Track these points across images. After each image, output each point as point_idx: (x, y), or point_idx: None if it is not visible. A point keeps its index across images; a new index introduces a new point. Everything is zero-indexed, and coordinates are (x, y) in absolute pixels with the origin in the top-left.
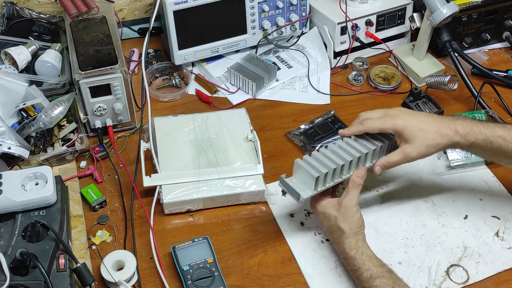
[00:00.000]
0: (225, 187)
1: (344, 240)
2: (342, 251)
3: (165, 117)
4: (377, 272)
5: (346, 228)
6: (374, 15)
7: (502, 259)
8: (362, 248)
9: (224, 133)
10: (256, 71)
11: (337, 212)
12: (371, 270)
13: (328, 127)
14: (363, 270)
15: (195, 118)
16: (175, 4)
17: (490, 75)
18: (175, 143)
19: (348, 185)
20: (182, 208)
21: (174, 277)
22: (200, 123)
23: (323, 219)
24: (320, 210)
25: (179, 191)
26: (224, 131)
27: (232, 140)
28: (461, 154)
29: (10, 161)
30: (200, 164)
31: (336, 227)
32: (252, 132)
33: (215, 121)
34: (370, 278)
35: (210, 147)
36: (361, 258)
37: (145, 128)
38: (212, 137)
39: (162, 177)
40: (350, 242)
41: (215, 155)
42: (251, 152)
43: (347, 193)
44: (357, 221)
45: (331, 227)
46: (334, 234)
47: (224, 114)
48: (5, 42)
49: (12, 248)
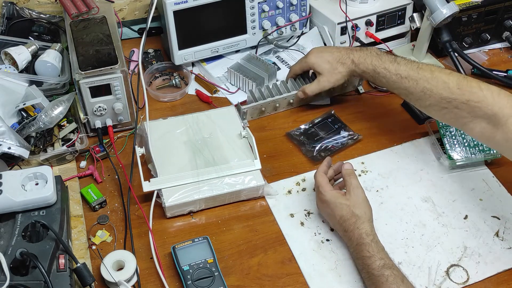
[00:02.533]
0: (225, 185)
1: (360, 225)
2: (358, 236)
3: (156, 120)
4: (389, 263)
5: (361, 213)
6: (374, 15)
7: (502, 259)
8: (376, 237)
9: (217, 132)
10: (256, 71)
11: (348, 200)
12: (384, 260)
13: (328, 127)
14: (376, 258)
15: (185, 119)
16: (175, 4)
17: (490, 75)
18: (169, 145)
19: (345, 178)
20: (184, 210)
21: (174, 277)
22: (192, 123)
23: (335, 208)
24: (332, 200)
25: (179, 193)
26: (217, 129)
27: (226, 138)
28: (461, 154)
29: (10, 161)
30: (198, 165)
31: (350, 214)
32: (244, 129)
33: (206, 121)
34: (382, 267)
35: (205, 146)
36: (376, 246)
37: (139, 133)
38: (205, 136)
39: (161, 181)
40: (366, 227)
41: (212, 154)
42: (246, 148)
43: (350, 182)
44: (367, 206)
45: (343, 216)
46: (349, 221)
47: (214, 113)
48: (5, 42)
49: (12, 248)
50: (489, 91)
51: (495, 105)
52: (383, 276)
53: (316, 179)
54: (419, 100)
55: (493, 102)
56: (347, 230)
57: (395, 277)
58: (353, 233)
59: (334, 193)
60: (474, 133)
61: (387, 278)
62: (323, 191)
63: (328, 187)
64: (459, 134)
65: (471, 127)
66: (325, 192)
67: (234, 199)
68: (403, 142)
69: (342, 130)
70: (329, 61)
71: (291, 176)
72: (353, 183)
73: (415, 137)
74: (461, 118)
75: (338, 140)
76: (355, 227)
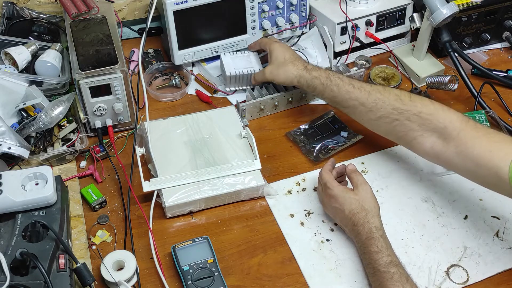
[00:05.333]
0: (225, 185)
1: (370, 219)
2: (368, 230)
3: (156, 120)
4: (395, 261)
5: (371, 207)
6: (374, 15)
7: (502, 259)
8: (384, 233)
9: (217, 132)
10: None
11: (357, 195)
12: (391, 256)
13: (328, 127)
14: (384, 254)
15: (185, 119)
16: (175, 4)
17: (490, 75)
18: (169, 145)
19: (350, 176)
20: (184, 210)
21: (174, 277)
22: (192, 123)
23: (344, 203)
24: (341, 194)
25: (180, 193)
26: (217, 130)
27: (226, 138)
28: None
29: (10, 161)
30: (198, 165)
31: (360, 208)
32: (245, 129)
33: (206, 121)
34: (389, 264)
35: (205, 146)
36: (385, 242)
37: (139, 133)
38: (205, 136)
39: (161, 181)
40: (376, 222)
41: (212, 154)
42: (246, 148)
43: (356, 178)
44: (377, 203)
45: (353, 209)
46: (359, 214)
47: (214, 113)
48: (5, 42)
49: (12, 248)
50: (440, 106)
51: (446, 119)
52: (389, 273)
53: (322, 176)
54: (370, 112)
55: (444, 116)
56: (357, 224)
57: (400, 275)
58: (363, 227)
59: (342, 188)
60: (424, 148)
61: (392, 276)
62: (330, 186)
63: (335, 183)
64: None
65: (420, 141)
66: (333, 187)
67: (234, 199)
68: None
69: (342, 130)
70: (285, 57)
71: (291, 176)
72: (360, 179)
73: None
74: (412, 131)
75: (338, 140)
76: (365, 220)
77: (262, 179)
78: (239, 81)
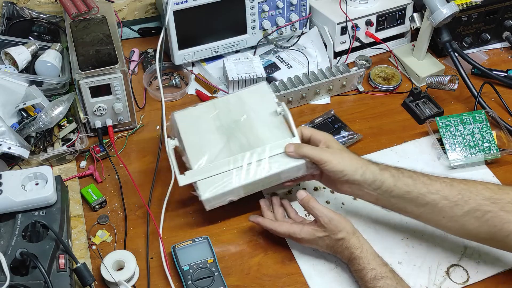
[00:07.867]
0: (264, 168)
1: (347, 244)
2: (349, 253)
3: (185, 109)
4: (381, 272)
5: (343, 234)
6: (374, 15)
7: (502, 259)
8: (365, 245)
9: (250, 113)
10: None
11: (325, 230)
12: (375, 270)
13: (328, 127)
14: (367, 270)
15: (215, 103)
16: (175, 4)
17: (490, 75)
18: (201, 134)
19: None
20: (224, 200)
21: (174, 277)
22: (222, 107)
23: (317, 243)
24: (310, 238)
25: (217, 184)
26: (249, 110)
27: (260, 118)
28: (461, 154)
29: (10, 161)
30: (233, 151)
31: (334, 241)
32: (280, 106)
33: (237, 102)
34: (374, 279)
35: (238, 130)
36: (366, 257)
37: (168, 126)
38: (238, 119)
39: (196, 172)
40: (353, 243)
41: (246, 138)
42: (282, 126)
43: (312, 208)
44: (344, 221)
45: (329, 244)
46: (336, 246)
47: (243, 93)
48: (5, 42)
49: (12, 248)
50: None
51: None
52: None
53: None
54: (456, 207)
55: None
56: (337, 252)
57: (388, 287)
58: (343, 254)
59: (307, 230)
60: None
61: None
62: (295, 235)
63: (296, 229)
64: (459, 134)
65: None
66: (298, 234)
67: (274, 182)
68: (403, 142)
69: (342, 130)
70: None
71: None
72: (316, 207)
73: (415, 137)
74: (508, 223)
75: (338, 140)
76: (344, 247)
77: None
78: (242, 86)
